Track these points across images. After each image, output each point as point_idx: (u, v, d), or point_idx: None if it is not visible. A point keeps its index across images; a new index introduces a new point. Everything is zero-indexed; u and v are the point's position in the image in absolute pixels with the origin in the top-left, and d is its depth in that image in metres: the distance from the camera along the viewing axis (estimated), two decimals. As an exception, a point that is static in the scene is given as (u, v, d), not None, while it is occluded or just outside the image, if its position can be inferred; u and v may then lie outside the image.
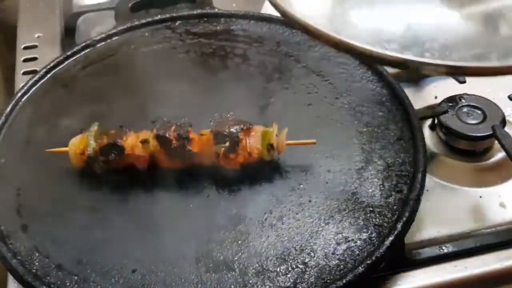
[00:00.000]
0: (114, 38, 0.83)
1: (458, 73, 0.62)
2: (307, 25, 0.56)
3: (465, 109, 0.71)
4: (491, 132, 0.68)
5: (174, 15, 0.86)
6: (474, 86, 0.75)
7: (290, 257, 0.57)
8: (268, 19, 0.83)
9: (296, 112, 0.72)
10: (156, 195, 0.63)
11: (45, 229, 0.61)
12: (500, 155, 0.71)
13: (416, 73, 0.72)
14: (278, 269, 0.57)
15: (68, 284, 0.57)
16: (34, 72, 0.81)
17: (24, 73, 0.83)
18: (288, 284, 0.55)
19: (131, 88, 0.75)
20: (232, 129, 0.62)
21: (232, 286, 0.56)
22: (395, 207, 0.61)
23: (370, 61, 0.61)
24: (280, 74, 0.77)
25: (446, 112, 0.71)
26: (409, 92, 0.73)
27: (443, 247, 0.63)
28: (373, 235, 0.59)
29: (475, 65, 0.56)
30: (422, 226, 0.63)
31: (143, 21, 0.85)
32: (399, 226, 0.59)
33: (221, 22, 0.85)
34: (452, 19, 0.61)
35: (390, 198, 0.62)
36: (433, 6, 0.61)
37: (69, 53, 0.80)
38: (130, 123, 0.69)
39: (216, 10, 0.87)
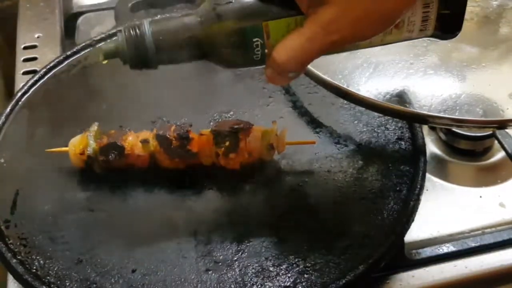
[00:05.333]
0: (114, 38, 0.83)
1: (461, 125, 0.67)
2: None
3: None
4: (491, 132, 0.68)
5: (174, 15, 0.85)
6: (474, 85, 0.75)
7: (290, 257, 0.57)
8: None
9: (296, 112, 0.72)
10: (156, 195, 0.63)
11: (45, 229, 0.61)
12: (500, 155, 0.72)
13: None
14: (278, 269, 0.57)
15: (68, 284, 0.56)
16: (34, 72, 0.80)
17: (24, 73, 0.83)
18: (288, 284, 0.55)
19: (131, 88, 0.75)
20: (232, 129, 0.62)
21: (232, 286, 0.56)
22: (395, 207, 0.61)
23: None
24: (280, 74, 0.76)
25: (445, 111, 0.71)
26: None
27: (443, 247, 0.63)
28: (373, 234, 0.58)
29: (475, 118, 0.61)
30: (422, 226, 0.63)
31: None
32: (399, 226, 0.59)
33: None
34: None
35: (390, 198, 0.62)
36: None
37: (69, 53, 0.80)
38: (130, 123, 0.69)
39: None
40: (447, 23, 0.51)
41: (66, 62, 0.80)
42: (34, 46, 0.88)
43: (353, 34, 0.46)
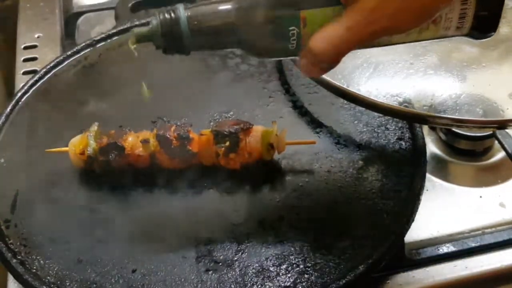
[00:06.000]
0: (114, 38, 0.83)
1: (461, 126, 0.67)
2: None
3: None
4: (491, 132, 0.69)
5: (174, 15, 0.85)
6: (474, 84, 0.75)
7: (290, 257, 0.57)
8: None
9: (296, 112, 0.72)
10: (156, 195, 0.63)
11: (45, 229, 0.61)
12: (500, 155, 0.72)
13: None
14: (278, 269, 0.57)
15: (68, 284, 0.57)
16: (34, 72, 0.80)
17: (24, 73, 0.83)
18: (288, 284, 0.55)
19: (131, 88, 0.75)
20: (232, 129, 0.62)
21: (232, 286, 0.56)
22: (395, 207, 0.61)
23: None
24: (280, 74, 0.77)
25: (445, 111, 0.71)
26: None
27: (443, 247, 0.63)
28: (373, 234, 0.58)
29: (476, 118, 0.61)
30: (422, 226, 0.63)
31: (143, 21, 0.84)
32: (399, 226, 0.59)
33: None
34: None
35: (390, 198, 0.62)
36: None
37: (69, 53, 0.80)
38: (130, 123, 0.69)
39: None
40: (484, 22, 0.50)
41: (66, 62, 0.80)
42: (34, 46, 0.88)
43: (393, 25, 0.45)
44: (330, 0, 0.47)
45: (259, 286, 0.55)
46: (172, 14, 0.48)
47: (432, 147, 0.72)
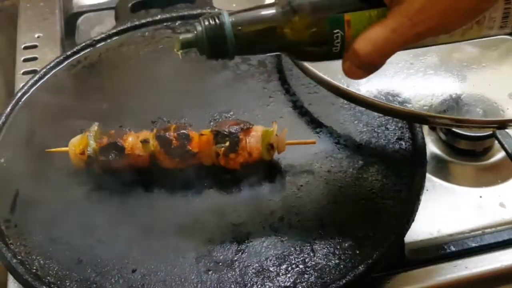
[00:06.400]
0: (114, 38, 0.83)
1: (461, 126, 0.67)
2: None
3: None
4: (491, 132, 0.69)
5: (174, 15, 0.86)
6: (474, 84, 0.75)
7: (290, 257, 0.57)
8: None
9: (296, 112, 0.72)
10: (156, 195, 0.63)
11: (45, 229, 0.61)
12: (500, 155, 0.72)
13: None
14: (278, 269, 0.57)
15: (68, 284, 0.57)
16: (34, 72, 0.80)
17: (24, 73, 0.83)
18: (288, 284, 0.56)
19: (131, 88, 0.75)
20: (232, 129, 0.62)
21: (232, 286, 0.56)
22: (395, 207, 0.61)
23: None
24: (280, 74, 0.77)
25: (445, 111, 0.71)
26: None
27: (443, 247, 0.63)
28: (373, 234, 0.58)
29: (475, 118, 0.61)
30: (422, 226, 0.63)
31: (143, 21, 0.85)
32: (399, 226, 0.59)
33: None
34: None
35: (390, 198, 0.62)
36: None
37: (69, 53, 0.80)
38: (130, 123, 0.69)
39: (216, 10, 0.87)
40: None
41: (66, 62, 0.80)
42: (34, 46, 0.88)
43: (438, 26, 0.45)
44: (374, 2, 0.47)
45: (259, 286, 0.56)
46: (217, 20, 0.48)
47: (432, 147, 0.72)
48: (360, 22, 0.47)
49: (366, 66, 0.47)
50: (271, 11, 0.48)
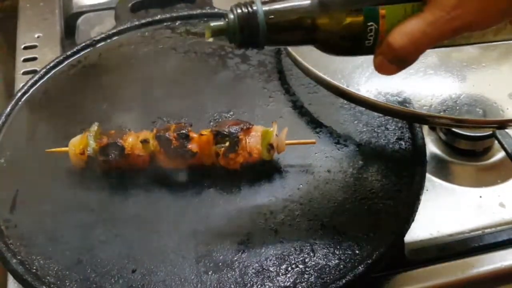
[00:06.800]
0: (114, 38, 0.83)
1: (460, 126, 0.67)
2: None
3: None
4: (491, 132, 0.69)
5: (174, 15, 0.86)
6: (474, 84, 0.75)
7: (290, 257, 0.57)
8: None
9: (296, 112, 0.72)
10: (156, 195, 0.63)
11: (45, 229, 0.61)
12: (500, 155, 0.72)
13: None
14: (278, 269, 0.57)
15: (68, 284, 0.57)
16: (34, 72, 0.81)
17: (24, 73, 0.83)
18: (288, 284, 0.55)
19: (131, 88, 0.75)
20: (232, 129, 0.62)
21: (232, 286, 0.56)
22: (395, 207, 0.61)
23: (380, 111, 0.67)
24: (280, 74, 0.77)
25: (445, 111, 0.71)
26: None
27: (443, 247, 0.63)
28: (373, 234, 0.58)
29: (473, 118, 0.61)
30: (422, 226, 0.63)
31: (143, 21, 0.85)
32: (399, 226, 0.59)
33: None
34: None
35: (390, 198, 0.62)
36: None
37: (69, 53, 0.80)
38: (130, 123, 0.69)
39: (216, 10, 0.87)
40: None
41: (66, 62, 0.80)
42: (34, 46, 0.88)
43: (476, 21, 0.45)
44: None
45: (259, 286, 0.55)
46: (249, 8, 0.47)
47: (432, 147, 0.72)
48: (394, 15, 0.47)
49: (399, 61, 0.47)
50: (305, 1, 0.48)
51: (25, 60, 0.85)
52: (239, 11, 0.48)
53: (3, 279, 0.61)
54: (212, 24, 0.49)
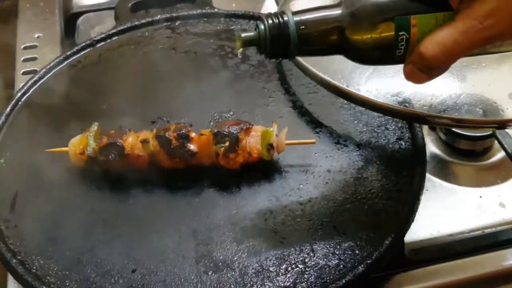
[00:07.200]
0: (114, 38, 0.83)
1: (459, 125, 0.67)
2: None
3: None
4: (491, 132, 0.69)
5: (174, 15, 0.86)
6: (474, 84, 0.75)
7: (289, 257, 0.57)
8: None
9: (296, 112, 0.72)
10: (156, 195, 0.63)
11: (45, 229, 0.61)
12: (500, 155, 0.72)
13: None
14: (278, 269, 0.57)
15: (68, 284, 0.57)
16: (34, 72, 0.81)
17: (24, 73, 0.83)
18: (288, 284, 0.55)
19: (131, 88, 0.75)
20: (232, 129, 0.62)
21: (232, 286, 0.56)
22: (395, 207, 0.61)
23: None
24: (280, 74, 0.77)
25: (445, 111, 0.71)
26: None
27: (443, 247, 0.63)
28: (373, 234, 0.58)
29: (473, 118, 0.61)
30: (422, 226, 0.63)
31: (143, 21, 0.85)
32: (399, 226, 0.59)
33: (221, 22, 0.85)
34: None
35: (390, 198, 0.62)
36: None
37: (69, 53, 0.80)
38: (130, 123, 0.69)
39: (216, 10, 0.87)
40: None
41: (66, 62, 0.80)
42: (34, 46, 0.88)
43: (510, 29, 0.45)
44: (440, 6, 0.47)
45: (259, 286, 0.55)
46: (280, 19, 0.47)
47: (432, 147, 0.72)
48: (426, 25, 0.47)
49: (430, 70, 0.47)
50: (336, 11, 0.48)
51: (25, 60, 0.86)
52: (270, 21, 0.48)
53: (3, 279, 0.61)
54: (244, 34, 0.49)
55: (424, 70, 0.47)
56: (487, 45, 0.46)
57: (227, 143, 0.62)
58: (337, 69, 0.51)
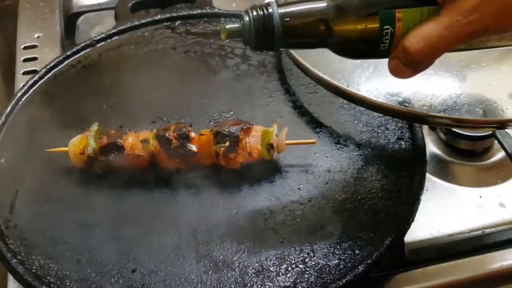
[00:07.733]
0: (114, 38, 0.83)
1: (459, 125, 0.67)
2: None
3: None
4: (491, 132, 0.69)
5: (174, 15, 0.86)
6: (474, 84, 0.75)
7: (290, 257, 0.57)
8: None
9: (296, 112, 0.72)
10: (156, 195, 0.63)
11: (45, 229, 0.61)
12: (500, 155, 0.72)
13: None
14: (278, 269, 0.57)
15: (68, 284, 0.57)
16: (34, 72, 0.81)
17: (24, 73, 0.83)
18: (288, 284, 0.56)
19: (131, 88, 0.75)
20: (232, 129, 0.62)
21: (232, 286, 0.56)
22: (395, 207, 0.61)
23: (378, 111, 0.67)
24: (280, 74, 0.77)
25: (445, 111, 0.71)
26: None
27: (443, 247, 0.63)
28: (373, 234, 0.58)
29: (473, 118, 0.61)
30: (422, 226, 0.63)
31: (143, 21, 0.85)
32: (399, 226, 0.59)
33: (221, 22, 0.85)
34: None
35: (390, 198, 0.62)
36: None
37: (69, 53, 0.80)
38: (130, 123, 0.69)
39: (216, 10, 0.87)
40: None
41: (66, 62, 0.80)
42: (34, 46, 0.88)
43: (493, 25, 0.44)
44: (425, 0, 0.47)
45: (259, 286, 0.55)
46: (265, 11, 0.47)
47: (432, 147, 0.72)
48: (411, 19, 0.47)
49: (414, 64, 0.47)
50: (321, 4, 0.48)
51: (25, 60, 0.85)
52: (254, 13, 0.48)
53: (3, 279, 0.61)
54: (228, 26, 0.49)
55: (408, 64, 0.47)
56: (472, 40, 0.46)
57: (227, 143, 0.62)
58: (337, 69, 0.51)
